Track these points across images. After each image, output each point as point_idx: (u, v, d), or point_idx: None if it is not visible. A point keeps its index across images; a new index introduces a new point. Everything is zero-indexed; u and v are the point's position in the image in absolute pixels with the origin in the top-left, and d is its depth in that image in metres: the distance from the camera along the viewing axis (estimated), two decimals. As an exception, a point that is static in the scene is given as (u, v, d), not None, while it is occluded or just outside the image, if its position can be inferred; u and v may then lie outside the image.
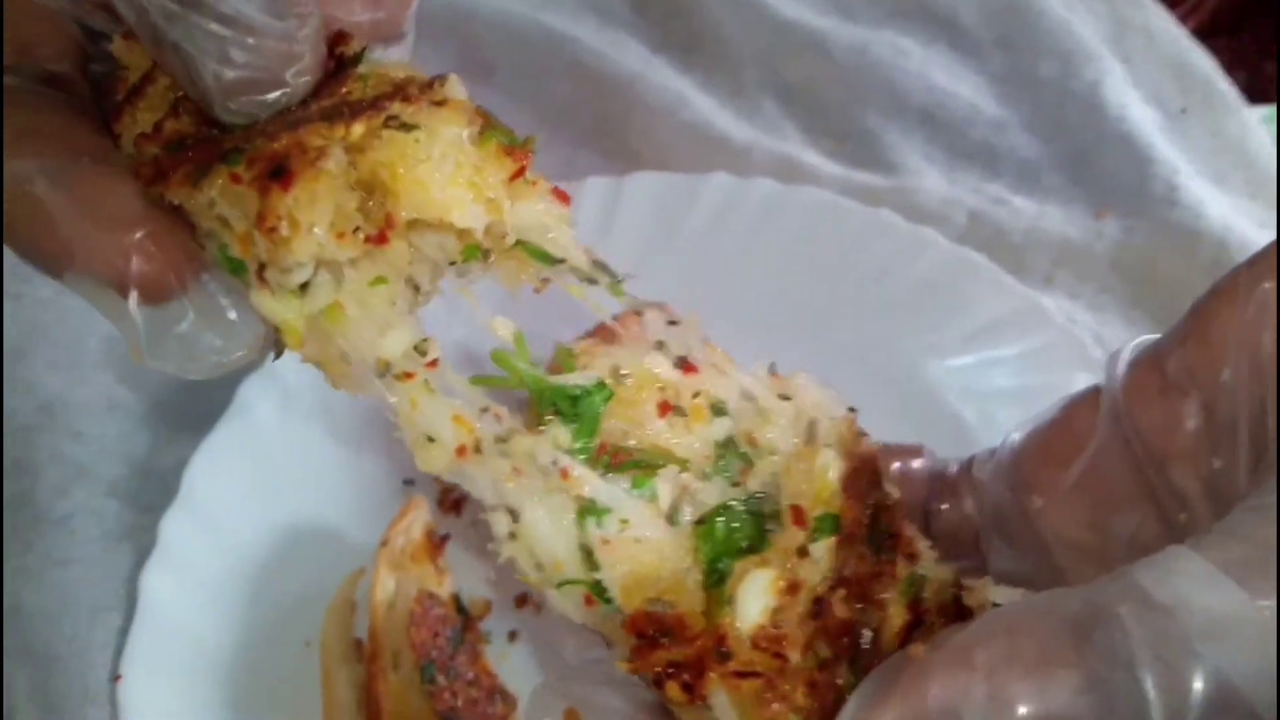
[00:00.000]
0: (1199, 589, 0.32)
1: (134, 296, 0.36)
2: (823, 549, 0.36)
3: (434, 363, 0.39)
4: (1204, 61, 1.08)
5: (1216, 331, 0.41)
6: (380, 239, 0.37)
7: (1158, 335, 0.46)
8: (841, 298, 0.89)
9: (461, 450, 0.38)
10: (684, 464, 0.38)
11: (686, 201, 0.92)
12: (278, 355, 0.40)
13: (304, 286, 0.37)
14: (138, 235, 0.36)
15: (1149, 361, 0.44)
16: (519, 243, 0.41)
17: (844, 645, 0.35)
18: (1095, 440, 0.46)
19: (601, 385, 0.38)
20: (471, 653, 0.72)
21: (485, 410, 0.39)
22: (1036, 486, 0.48)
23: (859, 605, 0.35)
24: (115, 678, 0.69)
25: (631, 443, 0.38)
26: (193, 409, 0.81)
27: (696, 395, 0.40)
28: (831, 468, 0.37)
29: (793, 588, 0.35)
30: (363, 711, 0.69)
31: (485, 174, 0.38)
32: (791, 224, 0.91)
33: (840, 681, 0.34)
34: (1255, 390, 0.40)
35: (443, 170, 0.37)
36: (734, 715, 0.33)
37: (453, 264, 0.40)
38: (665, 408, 0.39)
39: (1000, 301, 0.86)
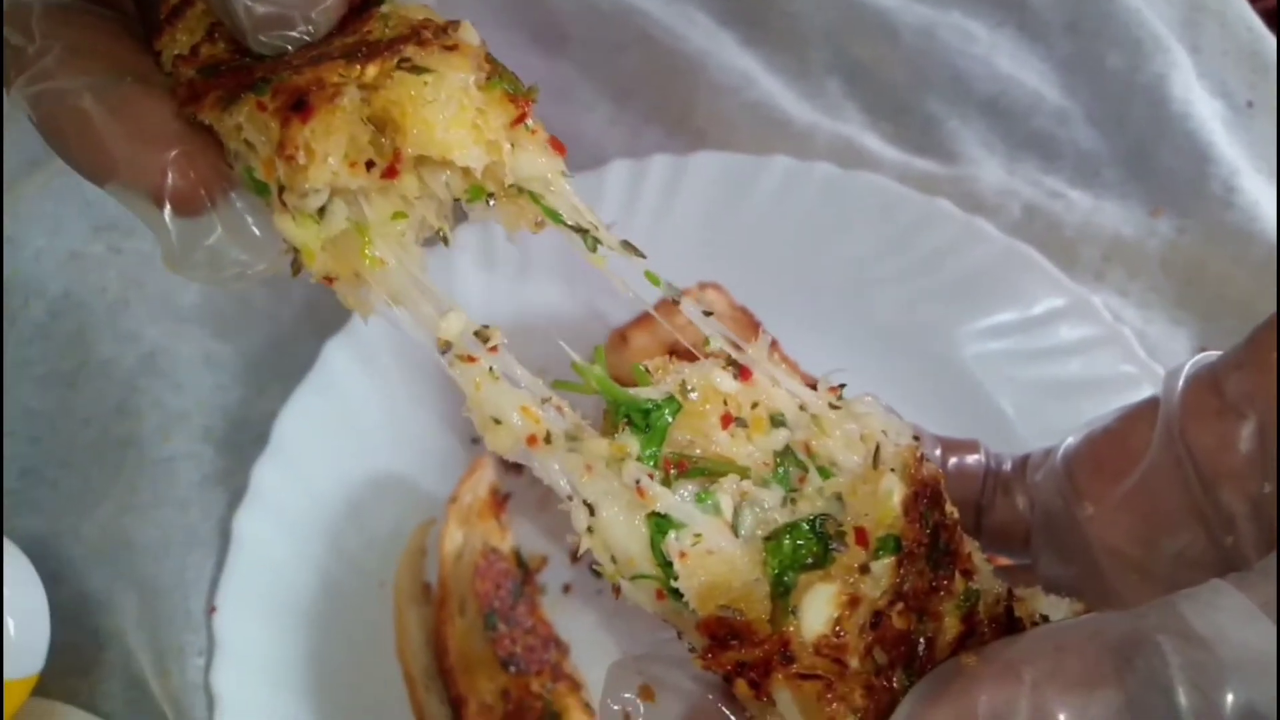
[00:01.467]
0: (1237, 624, 0.33)
1: (168, 209, 0.40)
2: (883, 567, 0.38)
3: (495, 348, 0.42)
4: (1274, 51, 1.07)
5: (1275, 359, 0.43)
6: (391, 173, 0.40)
7: (1217, 352, 0.47)
8: (893, 282, 0.92)
9: (532, 440, 0.41)
10: (745, 472, 0.41)
11: (748, 182, 0.96)
12: (295, 273, 0.43)
13: (321, 212, 0.41)
14: (173, 153, 0.39)
15: (1207, 382, 0.46)
16: (536, 201, 0.44)
17: (900, 653, 0.38)
18: (1149, 456, 0.48)
19: (671, 399, 0.41)
20: (530, 603, 0.79)
21: (547, 401, 0.42)
22: (1088, 495, 0.50)
23: (916, 617, 0.38)
24: (210, 609, 0.76)
25: (697, 452, 0.41)
26: (281, 365, 0.87)
27: (755, 405, 0.43)
28: (895, 493, 0.39)
29: (853, 601, 0.37)
30: (430, 650, 0.76)
31: (488, 117, 0.41)
32: (849, 209, 0.94)
33: (895, 685, 0.37)
34: None
35: (447, 112, 0.40)
36: (797, 712, 0.37)
37: (458, 201, 0.44)
38: (727, 419, 0.42)
39: (1048, 295, 0.89)
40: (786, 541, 0.40)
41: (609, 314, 0.90)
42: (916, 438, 0.42)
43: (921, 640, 0.38)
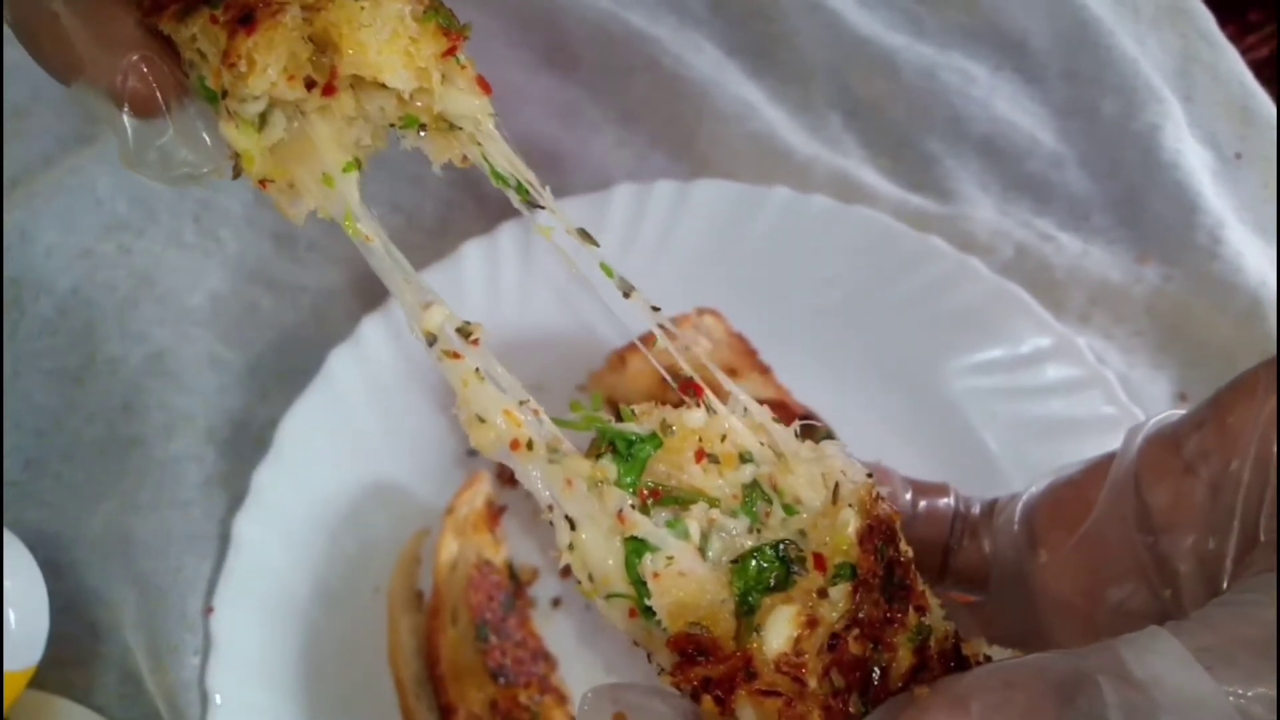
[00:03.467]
0: (1172, 670, 0.36)
1: (126, 108, 0.44)
2: (840, 592, 0.42)
3: (476, 341, 0.46)
4: (1266, 107, 1.11)
5: (1233, 423, 0.45)
6: (329, 90, 0.45)
7: (1180, 412, 0.50)
8: (885, 315, 0.95)
9: (515, 444, 0.45)
10: (715, 501, 0.45)
11: (749, 211, 0.98)
12: (235, 176, 0.48)
13: (263, 122, 0.45)
14: (133, 57, 0.43)
15: (1167, 440, 0.48)
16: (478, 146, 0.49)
17: (856, 678, 0.41)
18: (1098, 508, 0.50)
19: (654, 436, 0.45)
20: (520, 616, 0.81)
21: (524, 403, 0.45)
22: (1044, 543, 0.52)
23: (871, 645, 0.41)
24: (207, 610, 0.78)
25: (673, 483, 0.45)
26: (285, 371, 0.89)
27: (724, 438, 0.46)
28: (851, 523, 0.43)
29: (812, 623, 0.41)
30: (422, 658, 0.78)
31: (420, 46, 0.46)
32: (845, 242, 0.96)
33: (852, 710, 0.40)
34: (1256, 485, 0.44)
35: (382, 36, 0.44)
36: None
37: (392, 126, 0.48)
38: (700, 455, 0.45)
39: (1035, 335, 0.91)
40: (752, 564, 0.43)
41: (609, 334, 0.92)
42: (870, 475, 0.45)
43: (876, 669, 0.41)
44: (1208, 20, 1.17)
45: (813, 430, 0.48)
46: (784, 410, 0.88)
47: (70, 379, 0.90)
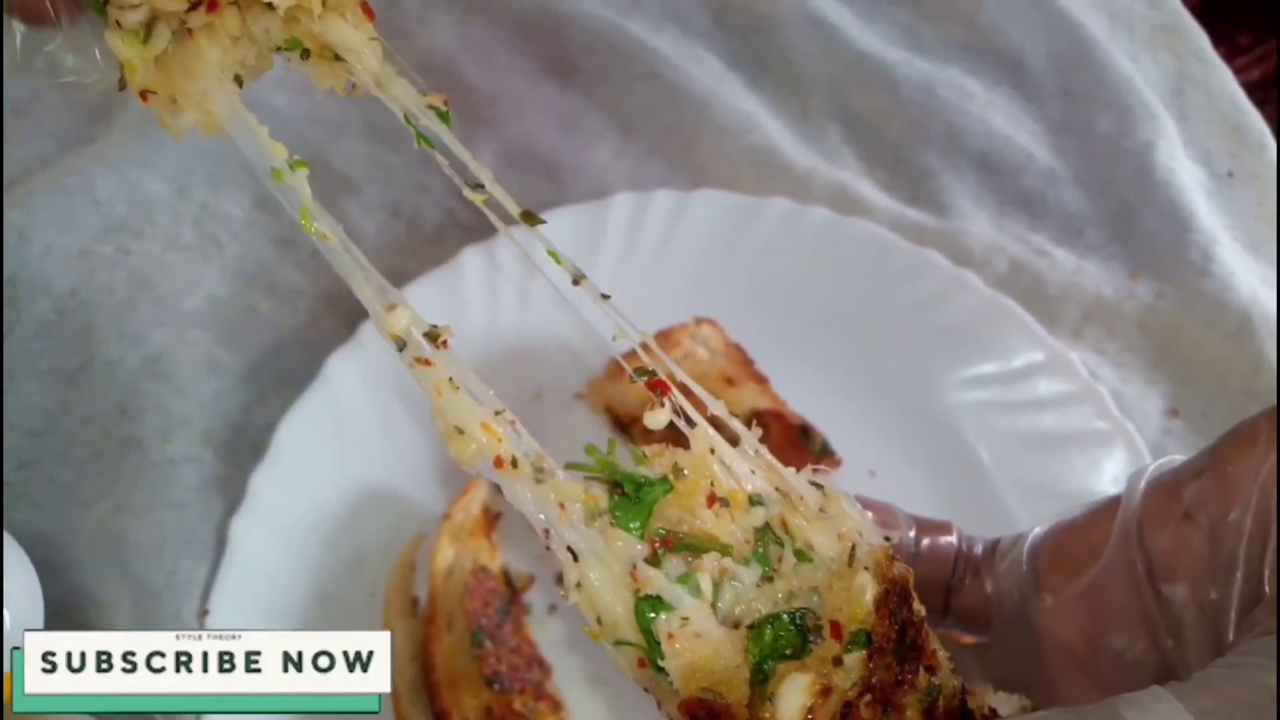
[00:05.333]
0: None
1: (17, 15, 0.45)
2: (855, 660, 0.41)
3: (444, 343, 0.45)
4: (1259, 127, 1.12)
5: (1232, 472, 0.45)
6: (212, 6, 0.46)
7: (1181, 458, 0.49)
8: (881, 327, 0.95)
9: (499, 462, 0.44)
10: (726, 549, 0.45)
11: (747, 222, 0.99)
12: (120, 88, 0.49)
13: (149, 33, 0.46)
14: None
15: (1168, 487, 0.48)
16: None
17: None
18: (1105, 554, 0.50)
19: (664, 479, 0.45)
20: (515, 623, 0.81)
21: (499, 414, 0.45)
22: (1048, 586, 0.52)
23: (882, 709, 0.41)
24: (203, 612, 0.78)
25: (683, 528, 0.45)
26: (282, 375, 0.89)
27: (733, 494, 0.46)
28: (868, 590, 0.43)
29: (826, 691, 0.40)
30: (417, 663, 0.78)
31: None
32: (842, 254, 0.97)
33: None
34: (1258, 536, 0.43)
35: None
36: None
37: (279, 50, 0.49)
38: (712, 499, 0.45)
39: (1029, 349, 0.92)
40: (768, 632, 0.43)
41: (608, 342, 0.92)
42: (889, 538, 0.45)
43: None
44: (1202, 40, 1.18)
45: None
46: (780, 419, 0.89)
47: (67, 380, 0.90)
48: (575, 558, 0.43)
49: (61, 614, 0.78)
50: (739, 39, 1.16)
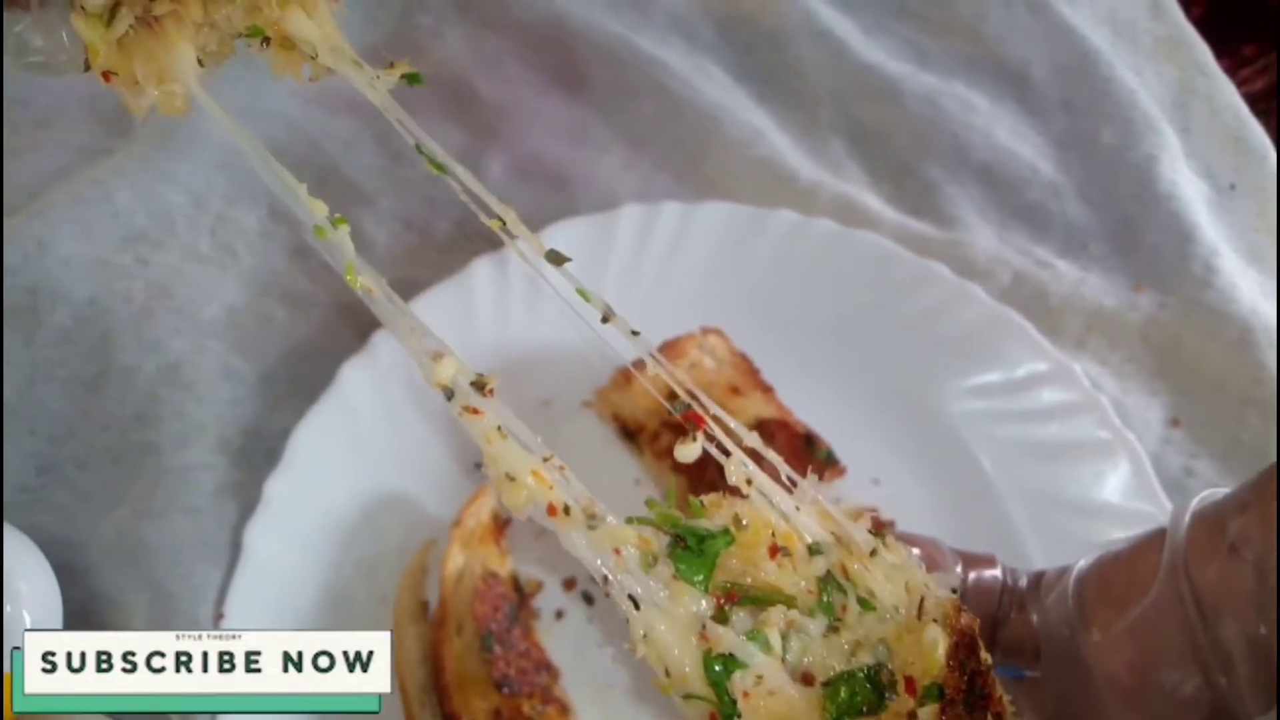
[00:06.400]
0: None
1: None
2: (929, 714, 0.42)
3: (491, 391, 0.46)
4: (1261, 139, 1.13)
5: (1276, 507, 0.45)
6: None
7: (1224, 490, 0.49)
8: (886, 337, 0.97)
9: (552, 510, 0.45)
10: (791, 601, 0.45)
11: (753, 233, 1.00)
12: (85, 69, 0.51)
13: (113, 17, 0.48)
14: None
15: (1212, 521, 0.48)
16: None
17: None
18: (1154, 589, 0.50)
19: (726, 531, 0.46)
20: (524, 628, 0.82)
21: (548, 460, 0.45)
22: (1096, 621, 0.52)
23: None
24: (218, 615, 0.79)
25: (747, 580, 0.45)
26: (297, 383, 0.91)
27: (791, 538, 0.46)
28: (940, 644, 0.43)
29: None
30: (427, 666, 0.79)
31: None
32: (847, 265, 0.99)
33: None
34: None
35: None
36: None
37: (240, 37, 0.51)
38: (774, 550, 0.46)
39: (1032, 360, 0.93)
40: (844, 689, 0.43)
41: (615, 351, 0.94)
42: (955, 590, 0.46)
43: None
44: (1204, 53, 1.19)
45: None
46: (785, 428, 0.90)
47: (86, 387, 0.92)
48: (637, 606, 0.44)
49: (80, 616, 0.79)
50: (746, 52, 1.18)
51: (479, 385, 0.47)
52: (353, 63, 0.51)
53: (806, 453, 0.87)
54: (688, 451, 0.47)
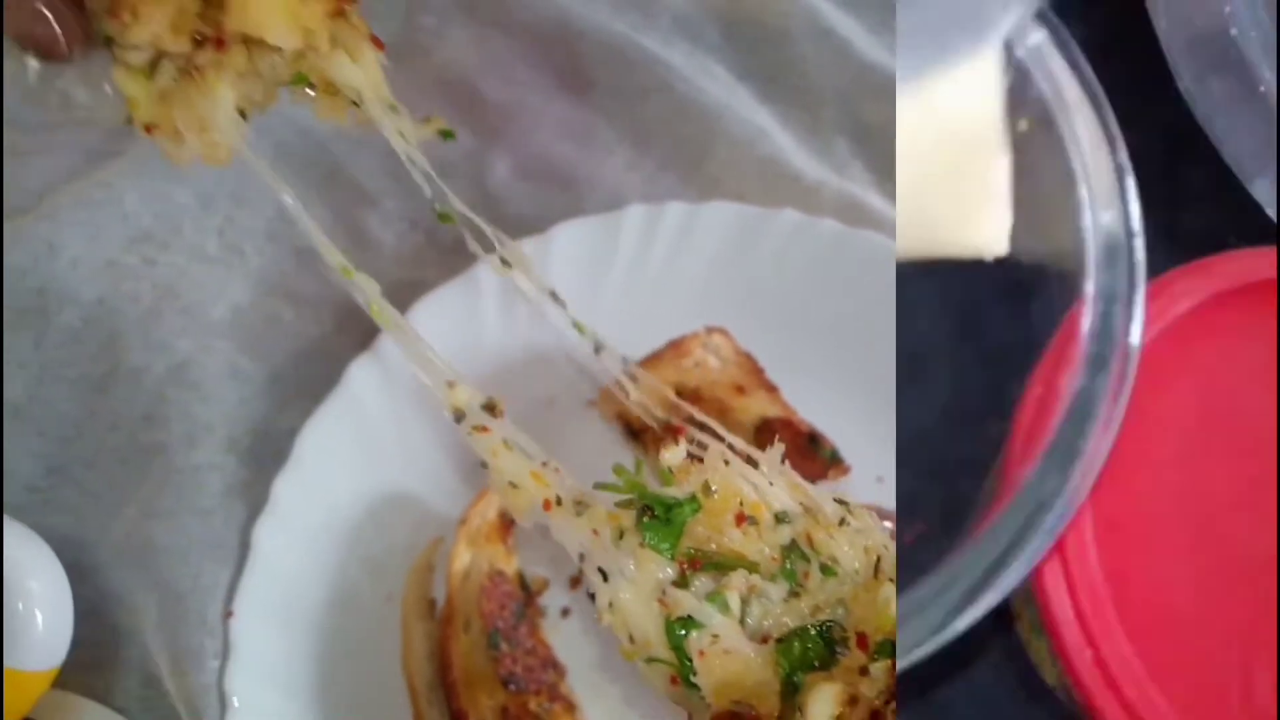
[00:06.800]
0: None
1: (32, 51, 0.48)
2: (881, 669, 0.43)
3: (501, 413, 0.50)
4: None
5: None
6: (220, 44, 0.48)
7: None
8: (888, 338, 0.97)
9: (547, 504, 0.48)
10: (754, 567, 0.46)
11: (758, 234, 1.00)
12: (127, 122, 0.52)
13: (155, 70, 0.49)
14: (39, 5, 0.48)
15: None
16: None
17: None
18: None
19: (693, 498, 0.47)
20: (531, 625, 0.83)
21: (546, 464, 0.48)
22: None
23: None
24: (227, 614, 0.80)
25: (712, 547, 0.47)
26: (304, 382, 0.91)
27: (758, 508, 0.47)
28: (893, 602, 0.44)
29: (853, 700, 0.42)
30: (434, 664, 0.80)
31: (309, 6, 0.49)
32: (851, 264, 0.99)
33: None
34: None
35: None
36: None
37: (284, 85, 0.51)
38: (741, 519, 0.47)
39: (1036, 358, 0.93)
40: (796, 645, 0.45)
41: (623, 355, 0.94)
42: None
43: None
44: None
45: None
46: (790, 427, 0.90)
47: (94, 388, 0.92)
48: (605, 578, 0.45)
49: (91, 616, 0.80)
50: (750, 52, 1.18)
51: (489, 408, 0.51)
52: (390, 108, 0.53)
53: (811, 451, 0.87)
54: (672, 455, 0.48)
